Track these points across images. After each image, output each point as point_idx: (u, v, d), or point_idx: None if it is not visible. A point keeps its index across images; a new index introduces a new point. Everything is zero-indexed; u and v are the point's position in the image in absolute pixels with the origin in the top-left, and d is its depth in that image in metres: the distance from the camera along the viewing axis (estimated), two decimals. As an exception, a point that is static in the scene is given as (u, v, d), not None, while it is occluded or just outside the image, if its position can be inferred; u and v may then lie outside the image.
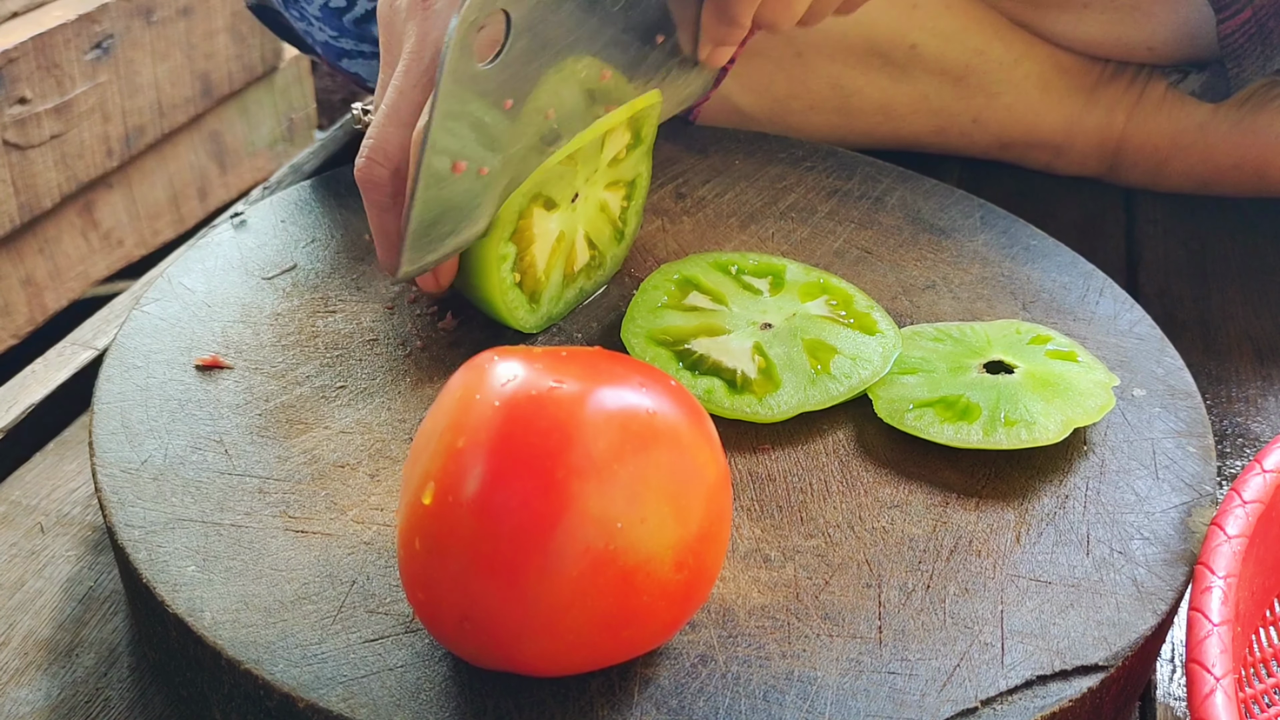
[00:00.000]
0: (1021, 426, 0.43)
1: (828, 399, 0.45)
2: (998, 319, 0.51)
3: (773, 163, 0.61)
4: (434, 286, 0.47)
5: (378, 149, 0.44)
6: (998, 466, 0.43)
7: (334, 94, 1.52)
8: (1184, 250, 0.68)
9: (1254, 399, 0.57)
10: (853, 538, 0.40)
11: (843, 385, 0.45)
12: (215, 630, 0.35)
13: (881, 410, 0.44)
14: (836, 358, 0.46)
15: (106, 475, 0.40)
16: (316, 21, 0.64)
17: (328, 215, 0.55)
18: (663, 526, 0.31)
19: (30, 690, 0.40)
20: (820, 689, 0.35)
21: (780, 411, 0.44)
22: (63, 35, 0.97)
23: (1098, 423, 0.45)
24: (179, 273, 0.51)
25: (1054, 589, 0.38)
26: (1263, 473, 0.39)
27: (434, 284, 0.46)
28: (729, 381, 0.45)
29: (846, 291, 0.50)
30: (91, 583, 0.45)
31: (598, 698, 0.34)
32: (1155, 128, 0.70)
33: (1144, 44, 0.68)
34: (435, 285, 0.46)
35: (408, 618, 0.36)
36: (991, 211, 0.59)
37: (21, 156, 0.96)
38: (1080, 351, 0.47)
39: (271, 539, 0.38)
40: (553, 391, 0.31)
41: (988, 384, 0.45)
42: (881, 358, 0.46)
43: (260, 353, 0.47)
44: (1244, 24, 0.62)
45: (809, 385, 0.45)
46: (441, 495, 0.31)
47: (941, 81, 0.70)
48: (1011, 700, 0.35)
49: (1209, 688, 0.32)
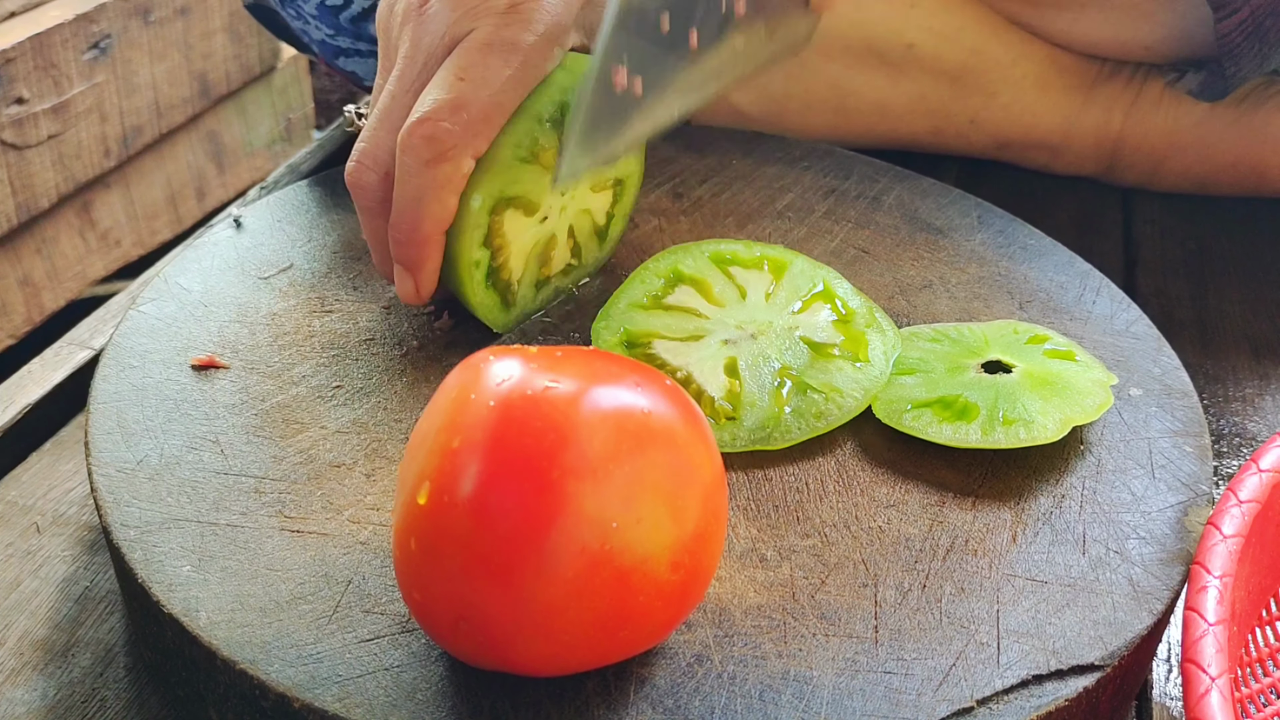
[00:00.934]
0: (1020, 425, 0.43)
1: (783, 442, 0.43)
2: (995, 318, 0.51)
3: (770, 162, 0.61)
4: (415, 299, 0.46)
5: (368, 153, 0.45)
6: (994, 466, 0.43)
7: (331, 94, 1.52)
8: (1181, 250, 0.68)
9: (1251, 398, 0.57)
10: (849, 537, 0.40)
11: (804, 428, 0.43)
12: (211, 630, 0.35)
13: (879, 410, 0.44)
14: (809, 393, 0.44)
15: (102, 475, 0.40)
16: (313, 20, 0.64)
17: (325, 215, 0.55)
18: (659, 526, 0.31)
19: (26, 690, 0.40)
20: (816, 688, 0.35)
21: (729, 446, 0.42)
22: (60, 35, 0.97)
23: (1094, 422, 0.45)
24: (176, 272, 0.51)
25: (1050, 588, 0.38)
26: (1259, 472, 0.39)
27: (415, 296, 0.46)
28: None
29: (850, 305, 0.48)
30: (87, 583, 0.45)
31: (594, 697, 0.34)
32: (1153, 127, 0.70)
33: (1141, 43, 0.68)
34: (416, 298, 0.46)
35: (403, 618, 0.36)
36: (989, 211, 0.59)
37: (19, 156, 0.96)
38: (1078, 350, 0.47)
39: (267, 539, 0.38)
40: (548, 391, 0.31)
41: (986, 384, 0.45)
42: (864, 393, 0.44)
43: (257, 352, 0.46)
44: (1241, 23, 0.62)
45: (770, 424, 0.43)
46: (437, 495, 0.31)
47: (939, 81, 0.70)
48: (1007, 700, 0.35)
49: (1204, 687, 0.32)
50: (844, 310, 0.48)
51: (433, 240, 0.44)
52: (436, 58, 0.44)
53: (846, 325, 0.47)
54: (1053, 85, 0.71)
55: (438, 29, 0.44)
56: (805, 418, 0.43)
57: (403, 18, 0.46)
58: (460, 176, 0.43)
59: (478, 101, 0.42)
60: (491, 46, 0.43)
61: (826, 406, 0.44)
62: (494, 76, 0.43)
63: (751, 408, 0.43)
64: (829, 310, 0.48)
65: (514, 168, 0.45)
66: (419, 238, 0.44)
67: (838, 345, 0.46)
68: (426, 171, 0.43)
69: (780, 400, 0.44)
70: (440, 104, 0.42)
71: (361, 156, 0.45)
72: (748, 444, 0.43)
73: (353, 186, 0.45)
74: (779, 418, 0.43)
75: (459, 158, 0.43)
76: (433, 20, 0.44)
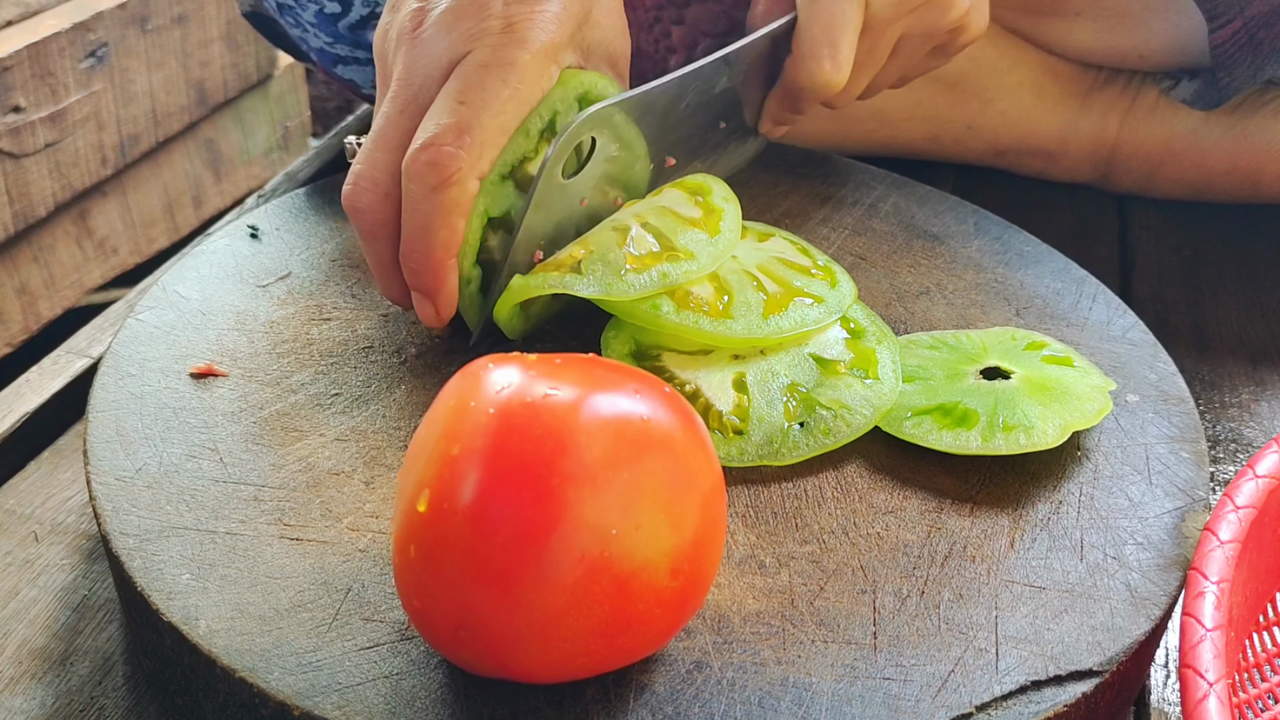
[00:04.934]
0: (1020, 431, 0.43)
1: (790, 458, 0.43)
2: (992, 325, 0.51)
3: (766, 169, 0.62)
4: (436, 323, 0.46)
5: (364, 175, 0.44)
6: (992, 472, 0.43)
7: (329, 102, 1.52)
8: (1177, 256, 0.69)
9: (1247, 404, 0.57)
10: (847, 544, 0.40)
11: (812, 444, 0.43)
12: (210, 638, 0.35)
13: (880, 419, 0.44)
14: (818, 410, 0.44)
15: (101, 483, 0.40)
16: (311, 28, 0.64)
17: (323, 223, 0.55)
18: (658, 533, 0.31)
19: (25, 699, 0.40)
20: (815, 695, 0.35)
21: (737, 461, 0.42)
22: (57, 44, 0.97)
23: (1092, 428, 0.45)
24: (174, 280, 0.51)
25: (1048, 594, 0.38)
26: (1255, 478, 0.39)
27: (436, 320, 0.46)
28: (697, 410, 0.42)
29: (860, 324, 0.48)
30: (86, 591, 0.45)
31: (593, 705, 0.34)
32: (1148, 134, 0.71)
33: (1136, 51, 0.69)
34: (438, 321, 0.46)
35: (403, 625, 0.36)
36: (985, 218, 0.59)
37: (16, 165, 0.96)
38: (1076, 356, 0.47)
39: (266, 547, 0.38)
40: (547, 399, 0.31)
41: (985, 390, 0.45)
42: (874, 410, 0.44)
43: (255, 360, 0.47)
44: (1235, 34, 0.62)
45: (778, 440, 0.43)
46: (436, 502, 0.31)
47: (935, 88, 0.71)
48: (1006, 706, 0.35)
49: (1202, 693, 0.32)
50: (854, 327, 0.48)
51: (445, 265, 0.44)
52: (434, 80, 0.44)
53: (856, 342, 0.47)
54: (1049, 92, 0.71)
55: (434, 52, 0.44)
56: (814, 434, 0.43)
57: (396, 41, 0.46)
58: (467, 200, 0.43)
59: (479, 124, 0.42)
60: (489, 68, 0.43)
61: (835, 424, 0.43)
62: (493, 98, 0.43)
63: (760, 423, 0.43)
64: (839, 327, 0.47)
65: (501, 186, 0.45)
66: (431, 264, 0.44)
67: (846, 362, 0.46)
68: (433, 197, 0.42)
69: (789, 416, 0.44)
70: (443, 129, 0.42)
71: (357, 179, 0.44)
72: (755, 459, 0.42)
73: (350, 211, 0.45)
74: (787, 434, 0.43)
75: (464, 181, 0.43)
76: (428, 44, 0.44)
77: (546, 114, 0.46)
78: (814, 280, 0.48)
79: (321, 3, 0.62)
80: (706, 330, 0.44)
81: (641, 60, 0.67)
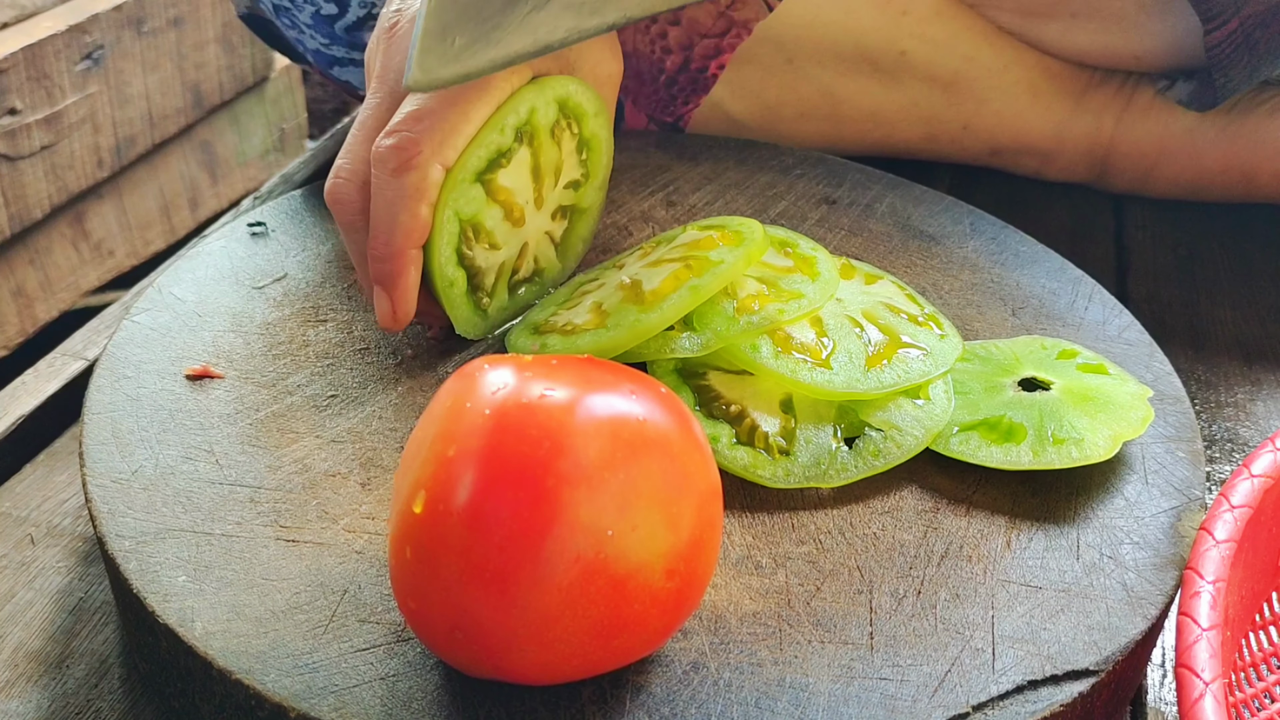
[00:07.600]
0: (1071, 445, 0.42)
1: (838, 480, 0.41)
2: (988, 325, 0.51)
3: (763, 170, 0.62)
4: (391, 322, 0.45)
5: (344, 167, 0.46)
6: (987, 472, 0.43)
7: (325, 104, 1.52)
8: (1172, 256, 0.69)
9: (1242, 403, 0.57)
10: (844, 544, 0.40)
11: (861, 466, 0.42)
12: (206, 640, 0.35)
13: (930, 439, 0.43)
14: (867, 431, 0.43)
15: (97, 486, 0.40)
16: (308, 29, 0.64)
17: (319, 224, 0.55)
18: (654, 534, 0.31)
19: (20, 702, 0.40)
20: (812, 695, 0.35)
21: (782, 483, 0.41)
22: (53, 46, 0.97)
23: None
24: (169, 282, 0.51)
25: (1044, 594, 0.38)
26: (1251, 477, 0.39)
27: (391, 318, 0.45)
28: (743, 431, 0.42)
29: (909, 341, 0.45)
30: (82, 594, 0.45)
31: (589, 706, 0.34)
32: (1143, 133, 0.71)
33: (1131, 53, 0.69)
34: (393, 321, 0.45)
35: (399, 627, 0.36)
36: (981, 218, 0.59)
37: (11, 167, 0.96)
38: (1109, 364, 0.46)
39: (263, 548, 0.38)
40: (543, 399, 0.31)
41: (1027, 402, 0.44)
42: (925, 431, 0.43)
43: (251, 362, 0.46)
44: (1230, 34, 0.62)
45: (826, 461, 0.42)
46: (432, 504, 0.31)
47: (931, 88, 0.71)
48: (1003, 705, 0.35)
49: (1198, 692, 0.32)
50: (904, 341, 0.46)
51: (405, 253, 0.44)
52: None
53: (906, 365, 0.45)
54: (1044, 92, 0.71)
55: (407, 48, 0.45)
56: (863, 456, 0.42)
57: (376, 41, 0.47)
58: (429, 185, 0.44)
59: (439, 112, 0.43)
60: None
61: (885, 445, 0.42)
62: (457, 88, 0.44)
63: (807, 444, 0.42)
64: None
65: (473, 187, 0.45)
66: (392, 250, 0.44)
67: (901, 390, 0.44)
68: (394, 181, 0.43)
69: (837, 438, 0.43)
70: (405, 116, 0.44)
71: (338, 171, 0.46)
72: (801, 481, 0.41)
73: (332, 203, 0.46)
74: (835, 455, 0.42)
75: (424, 166, 0.43)
76: (402, 40, 0.46)
77: (523, 110, 0.46)
78: (921, 329, 0.46)
79: (318, 4, 0.62)
80: (805, 382, 0.42)
81: (638, 60, 0.67)
